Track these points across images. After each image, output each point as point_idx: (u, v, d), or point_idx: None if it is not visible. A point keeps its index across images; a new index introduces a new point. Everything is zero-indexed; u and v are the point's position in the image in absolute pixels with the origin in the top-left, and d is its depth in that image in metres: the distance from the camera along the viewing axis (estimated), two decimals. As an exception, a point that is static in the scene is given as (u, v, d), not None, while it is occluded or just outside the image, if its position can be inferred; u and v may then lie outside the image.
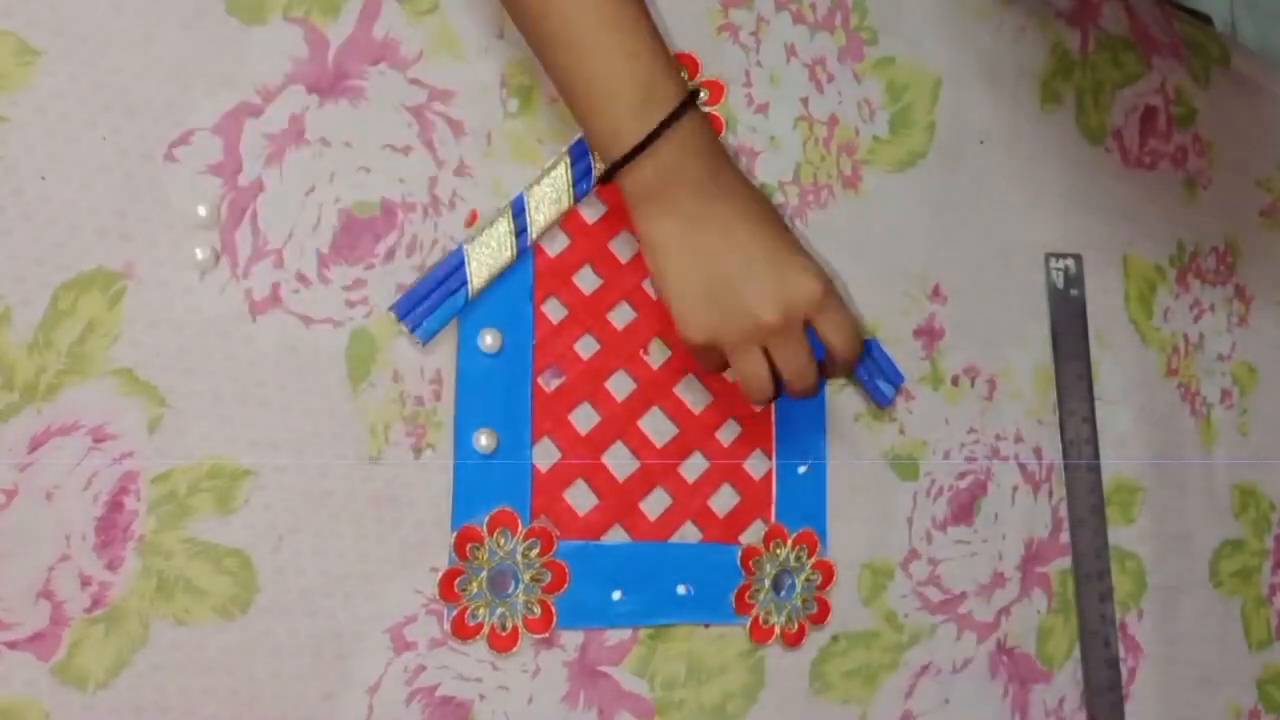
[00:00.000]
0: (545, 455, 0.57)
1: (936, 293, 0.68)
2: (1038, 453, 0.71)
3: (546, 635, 0.56)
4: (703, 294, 0.54)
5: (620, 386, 0.59)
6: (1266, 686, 0.79)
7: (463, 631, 0.54)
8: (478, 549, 0.54)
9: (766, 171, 0.63)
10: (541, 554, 0.56)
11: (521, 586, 0.55)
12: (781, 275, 0.54)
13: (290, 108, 0.52)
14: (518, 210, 0.56)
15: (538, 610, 0.55)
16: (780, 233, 0.55)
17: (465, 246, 0.55)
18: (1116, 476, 0.73)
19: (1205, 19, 0.86)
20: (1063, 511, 0.71)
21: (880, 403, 0.65)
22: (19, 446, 0.47)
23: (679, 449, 0.60)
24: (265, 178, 0.52)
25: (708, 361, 0.57)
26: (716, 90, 0.61)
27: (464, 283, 0.55)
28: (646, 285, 0.59)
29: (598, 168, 0.58)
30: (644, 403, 0.59)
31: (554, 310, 0.58)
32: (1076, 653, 0.71)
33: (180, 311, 0.50)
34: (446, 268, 0.55)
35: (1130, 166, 0.76)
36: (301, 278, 0.52)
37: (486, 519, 0.55)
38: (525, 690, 0.55)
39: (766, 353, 0.55)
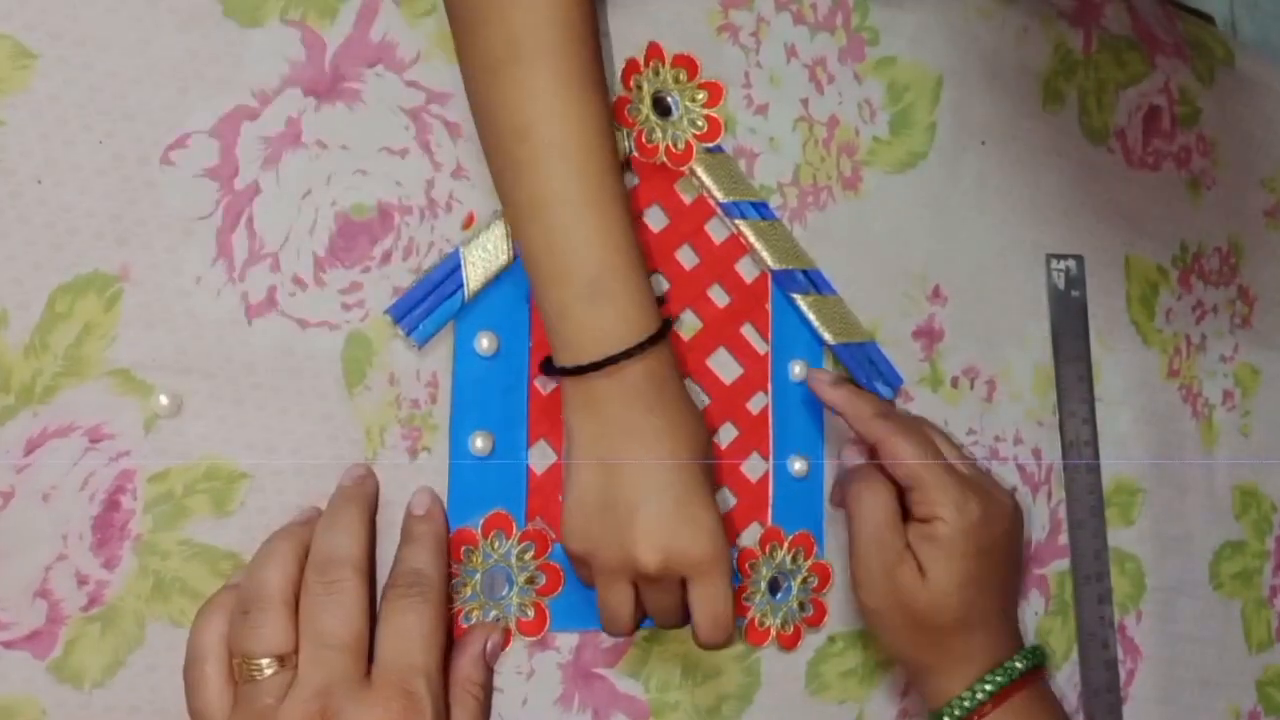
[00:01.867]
0: (541, 458, 0.57)
1: (936, 294, 0.68)
2: (1037, 454, 0.71)
3: (540, 638, 0.56)
4: (595, 506, 0.52)
5: None
6: (1266, 688, 0.79)
7: (457, 634, 0.54)
8: (472, 552, 0.55)
9: (766, 173, 0.63)
10: (536, 556, 0.56)
11: (516, 589, 0.55)
12: (678, 524, 0.51)
13: (287, 110, 0.53)
14: None
15: (531, 613, 0.56)
16: (701, 476, 0.53)
17: (461, 249, 0.55)
18: (1116, 478, 0.73)
19: (1208, 18, 0.86)
20: (1062, 513, 0.71)
21: None
22: (15, 449, 0.47)
23: None
24: (262, 181, 0.52)
25: (579, 572, 0.55)
26: (716, 92, 0.61)
27: (460, 286, 0.55)
28: None
29: None
30: None
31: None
32: (1075, 654, 0.71)
33: (177, 314, 0.50)
34: (443, 271, 0.55)
35: (1133, 167, 0.76)
36: (298, 281, 0.52)
37: (481, 522, 0.55)
38: (519, 692, 0.56)
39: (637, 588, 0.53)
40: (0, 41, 0.48)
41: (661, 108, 0.61)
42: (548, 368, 0.54)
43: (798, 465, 0.62)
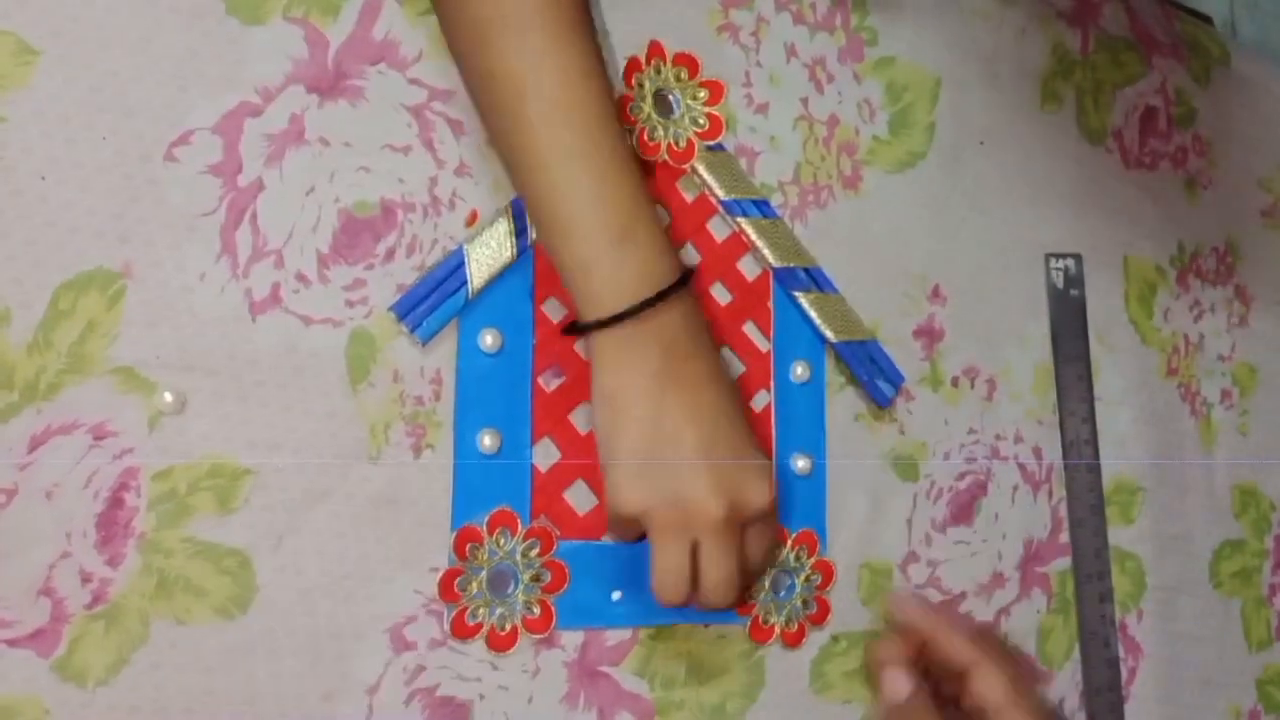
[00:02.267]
0: (545, 455, 0.57)
1: (936, 293, 0.68)
2: (1037, 453, 0.71)
3: (546, 635, 0.56)
4: (649, 463, 0.51)
5: None
6: (1266, 687, 0.79)
7: (462, 631, 0.54)
8: (477, 549, 0.54)
9: (766, 172, 0.63)
10: (541, 554, 0.56)
11: (521, 586, 0.55)
12: (742, 469, 0.51)
13: (290, 108, 0.52)
14: (518, 211, 0.56)
15: (537, 610, 0.55)
16: (746, 420, 0.53)
17: (465, 247, 0.55)
18: (1116, 477, 0.73)
19: (1206, 18, 0.86)
20: (1062, 512, 0.71)
21: (880, 403, 0.65)
22: (19, 446, 0.47)
23: None
24: (265, 178, 0.52)
25: (623, 532, 0.55)
26: (717, 90, 0.61)
27: (464, 283, 0.55)
28: None
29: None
30: None
31: (554, 310, 0.57)
32: (1076, 653, 0.71)
33: (180, 311, 0.50)
34: (447, 268, 0.55)
35: (1130, 167, 0.77)
36: (301, 278, 0.52)
37: (486, 519, 0.55)
38: (525, 690, 0.55)
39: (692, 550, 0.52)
40: (2, 38, 0.48)
41: (663, 106, 0.61)
42: (576, 328, 0.53)
43: (801, 463, 0.62)
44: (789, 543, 0.61)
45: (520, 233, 0.56)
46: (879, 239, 0.66)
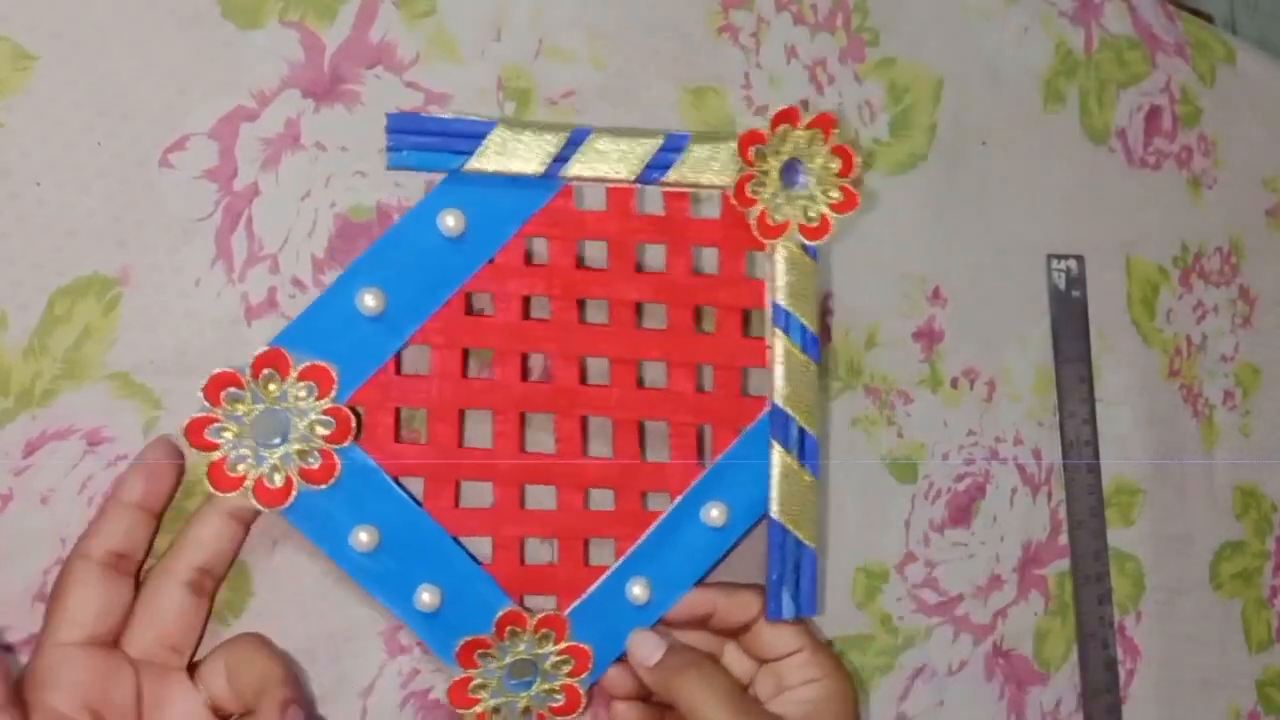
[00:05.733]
0: (412, 362, 0.52)
1: (936, 295, 0.68)
2: (1037, 455, 0.71)
3: (273, 510, 0.48)
4: None
5: (535, 370, 0.55)
6: (1266, 688, 0.79)
7: (198, 440, 0.47)
8: (273, 379, 0.48)
9: (765, 174, 0.63)
10: (329, 439, 0.49)
11: (282, 449, 0.48)
12: None
13: (286, 112, 0.52)
14: (575, 139, 0.52)
15: (279, 481, 0.48)
16: None
17: (498, 123, 0.51)
18: (1116, 478, 0.73)
19: (1207, 17, 0.86)
20: (1062, 513, 0.71)
21: (771, 614, 0.55)
22: (14, 451, 0.47)
23: (538, 469, 0.53)
24: (261, 182, 0.52)
25: None
26: (850, 200, 0.56)
27: (471, 152, 0.50)
28: (643, 308, 0.54)
29: (678, 171, 0.53)
30: (543, 402, 0.53)
31: (537, 251, 0.53)
32: (1074, 655, 0.71)
33: (176, 316, 0.50)
34: (467, 128, 0.50)
35: (1134, 166, 0.76)
36: (297, 282, 0.52)
37: (305, 363, 0.48)
38: (519, 693, 0.56)
39: None
40: (-1, 43, 0.48)
41: (789, 174, 0.55)
42: None
43: (638, 589, 0.53)
44: (560, 645, 0.53)
45: (561, 159, 0.52)
46: (879, 240, 0.66)
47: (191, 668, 0.48)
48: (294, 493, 0.48)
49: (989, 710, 0.68)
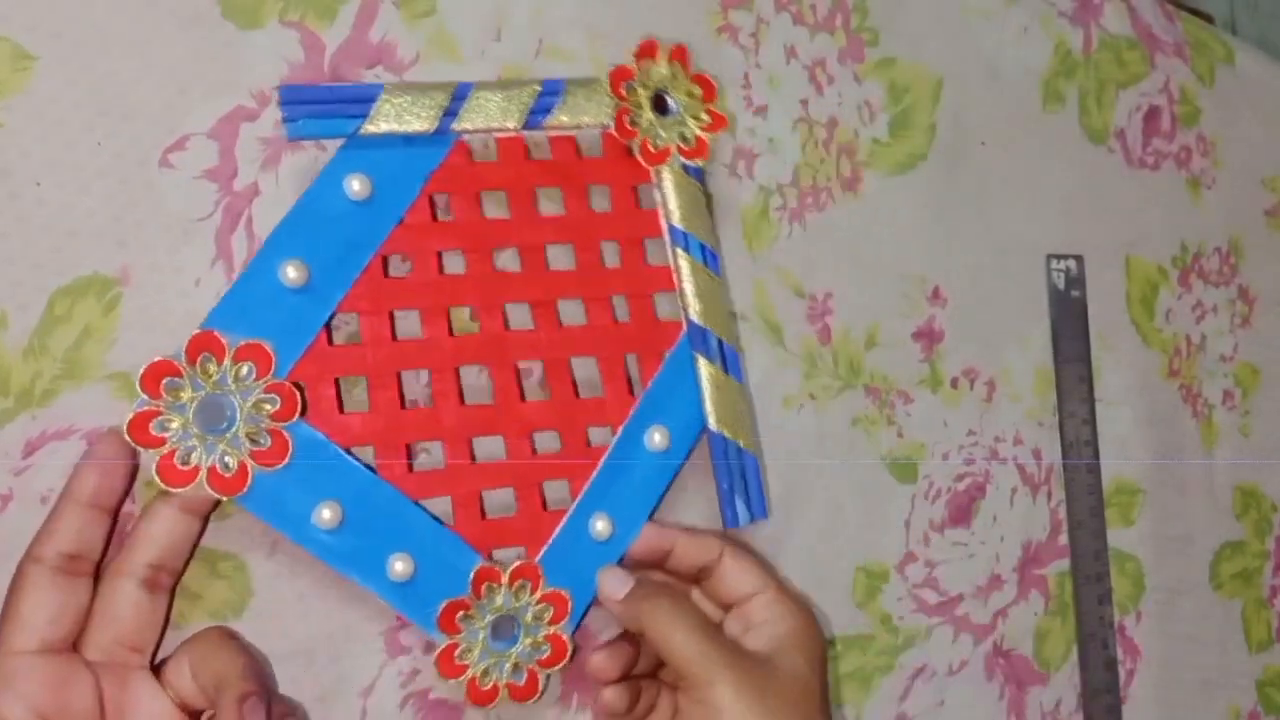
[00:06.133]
0: (343, 331, 0.52)
1: (936, 295, 0.68)
2: (1037, 455, 0.71)
3: (229, 499, 0.48)
4: None
5: (461, 323, 0.54)
6: (1266, 688, 0.79)
7: (142, 436, 0.46)
8: (210, 363, 0.47)
9: (765, 173, 0.63)
10: (275, 417, 0.48)
11: (230, 433, 0.47)
12: None
13: (286, 112, 0.52)
14: (459, 94, 0.53)
15: (233, 466, 0.47)
16: None
17: (385, 86, 0.52)
18: (1116, 478, 0.73)
19: (1207, 17, 0.86)
20: (1062, 513, 0.72)
21: (727, 522, 0.58)
22: (13, 452, 0.47)
23: (482, 420, 0.53)
24: (261, 182, 0.52)
25: None
26: (719, 121, 0.59)
27: (364, 115, 0.51)
28: (547, 249, 0.55)
29: (557, 115, 0.55)
30: (474, 354, 0.54)
31: (442, 208, 0.54)
32: (1074, 655, 0.71)
33: (176, 316, 0.50)
34: (358, 93, 0.51)
35: (1133, 166, 0.76)
36: (297, 282, 0.52)
37: (240, 343, 0.48)
38: (519, 693, 0.56)
39: None
40: (-1, 43, 0.48)
41: (660, 105, 0.59)
42: None
43: (600, 524, 0.54)
44: (537, 594, 0.53)
45: (450, 114, 0.53)
46: (878, 241, 0.66)
47: (160, 667, 0.47)
48: (249, 477, 0.47)
49: (989, 710, 0.68)
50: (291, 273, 0.49)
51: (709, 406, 0.57)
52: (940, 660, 0.67)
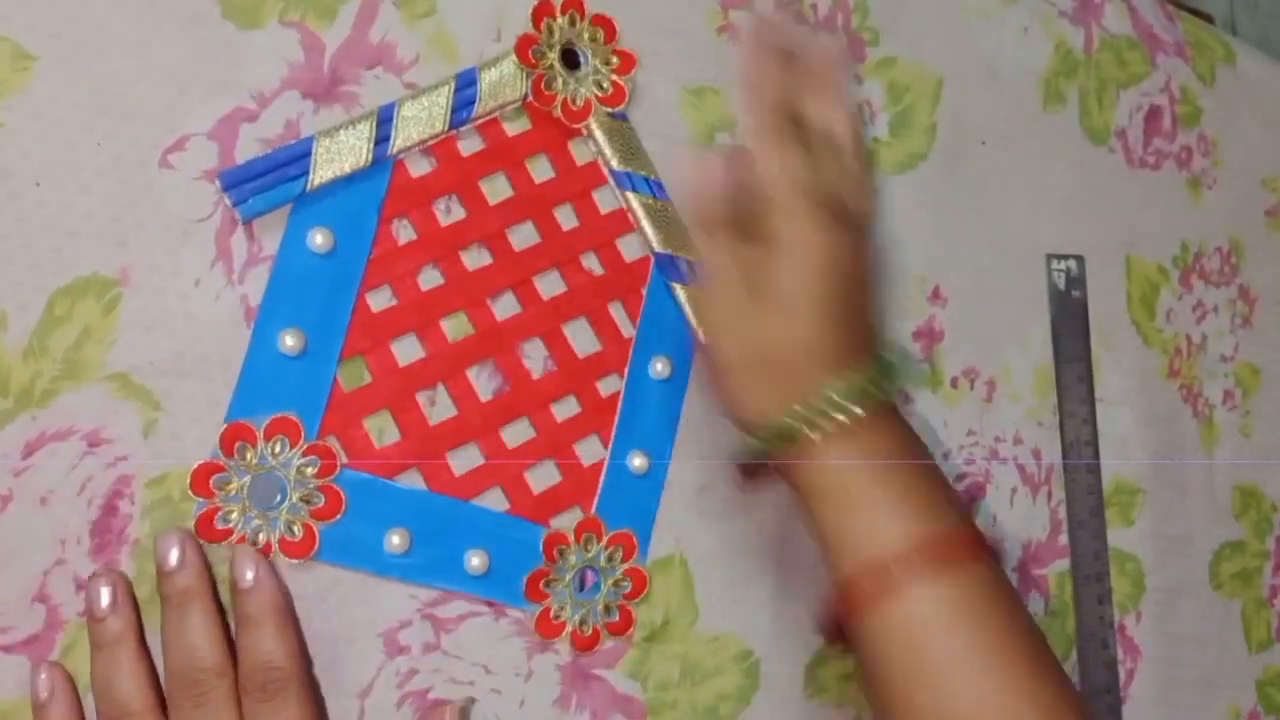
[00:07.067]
0: (352, 375, 0.53)
1: (936, 294, 0.68)
2: (1037, 454, 0.71)
3: (304, 562, 0.51)
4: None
5: (456, 329, 0.56)
6: (1266, 688, 0.79)
7: (209, 533, 0.50)
8: (247, 449, 0.50)
9: (765, 174, 0.63)
10: (319, 475, 0.52)
11: (287, 504, 0.51)
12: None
13: (286, 113, 0.52)
14: (384, 117, 0.54)
15: (299, 533, 0.51)
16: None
17: (316, 137, 0.52)
18: (1116, 478, 0.73)
19: (1207, 17, 0.86)
20: (1062, 513, 0.71)
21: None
22: (13, 452, 0.47)
23: (504, 409, 0.56)
24: (261, 183, 0.52)
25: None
26: (628, 62, 0.60)
27: (305, 173, 0.52)
28: (510, 233, 0.57)
29: (483, 103, 0.56)
30: (477, 352, 0.56)
31: (403, 231, 0.55)
32: (1074, 654, 0.71)
33: (176, 317, 0.50)
34: (290, 153, 0.52)
35: (1134, 167, 0.76)
36: (296, 283, 0.52)
37: (266, 422, 0.51)
38: (518, 694, 0.56)
39: None
40: (-2, 44, 0.48)
41: (570, 60, 0.59)
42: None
43: (637, 461, 0.59)
44: (604, 541, 0.58)
45: (381, 141, 0.54)
46: (879, 240, 0.66)
47: None
48: (317, 536, 0.51)
49: (988, 710, 0.68)
50: (290, 341, 0.51)
51: (695, 322, 0.60)
52: (940, 660, 0.66)
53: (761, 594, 0.62)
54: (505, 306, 0.57)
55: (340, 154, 0.53)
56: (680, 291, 0.60)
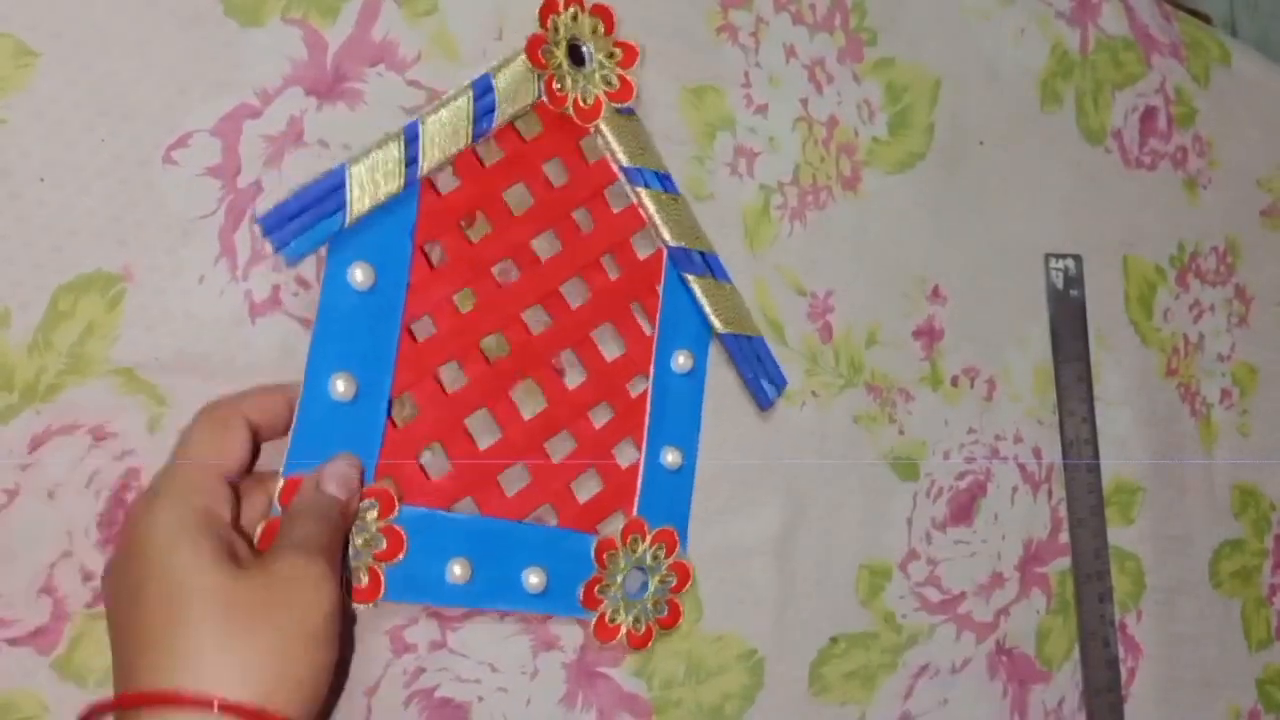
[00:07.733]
0: (402, 411, 0.53)
1: (936, 294, 0.68)
2: (1037, 453, 0.71)
3: (373, 605, 0.51)
4: None
5: (494, 349, 0.56)
6: (1266, 687, 0.79)
7: None
8: None
9: (765, 173, 0.63)
10: (379, 517, 0.51)
11: (351, 551, 0.51)
12: None
13: (289, 110, 0.52)
14: (411, 137, 0.52)
15: (365, 579, 0.51)
16: None
17: (348, 166, 0.51)
18: (1116, 477, 0.74)
19: (1206, 18, 0.86)
20: (1062, 512, 0.72)
21: (761, 403, 0.62)
22: (19, 447, 0.47)
23: (546, 425, 0.56)
24: (264, 180, 0.52)
25: None
26: (631, 54, 0.59)
27: (342, 206, 0.51)
28: (535, 244, 0.56)
29: (502, 110, 0.55)
30: (516, 371, 0.56)
31: (434, 253, 0.54)
32: (1076, 653, 0.71)
33: (179, 314, 0.50)
34: (325, 186, 0.50)
35: (1130, 167, 0.77)
36: (301, 280, 0.52)
37: None
38: (524, 692, 0.56)
39: None
40: (1, 41, 0.48)
41: (576, 56, 0.58)
42: None
43: (670, 457, 0.59)
44: (648, 539, 0.58)
45: (411, 162, 0.52)
46: (878, 240, 0.67)
47: None
48: (383, 579, 0.51)
49: (992, 708, 0.68)
50: (341, 386, 0.51)
51: (711, 315, 0.60)
52: (943, 659, 0.67)
53: (765, 593, 0.62)
54: (538, 321, 0.57)
55: (374, 182, 0.52)
56: (695, 284, 0.60)
